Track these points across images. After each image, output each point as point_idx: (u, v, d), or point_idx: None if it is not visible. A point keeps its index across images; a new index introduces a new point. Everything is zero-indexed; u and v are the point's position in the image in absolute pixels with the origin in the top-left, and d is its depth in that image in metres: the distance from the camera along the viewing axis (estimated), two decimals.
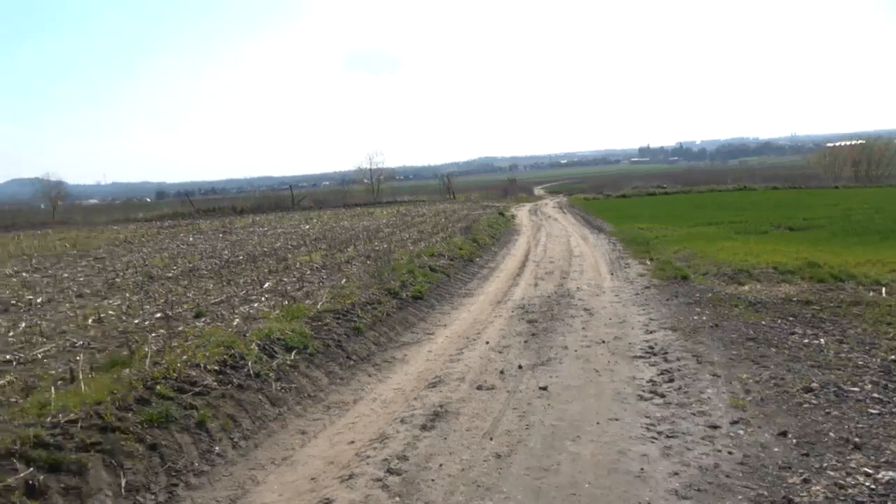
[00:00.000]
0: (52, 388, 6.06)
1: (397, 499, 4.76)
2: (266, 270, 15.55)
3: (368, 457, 5.57)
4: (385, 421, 6.45)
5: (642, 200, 45.80)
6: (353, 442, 5.99)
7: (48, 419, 5.24)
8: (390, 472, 5.21)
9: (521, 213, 39.71)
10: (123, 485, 4.88)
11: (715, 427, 5.78)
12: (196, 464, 5.43)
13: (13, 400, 5.97)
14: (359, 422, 6.52)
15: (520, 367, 7.88)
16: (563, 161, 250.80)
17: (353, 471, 5.30)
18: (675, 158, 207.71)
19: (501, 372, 7.72)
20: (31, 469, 4.58)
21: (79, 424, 5.25)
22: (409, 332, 10.24)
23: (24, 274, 17.33)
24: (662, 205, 38.87)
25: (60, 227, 44.40)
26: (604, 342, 8.83)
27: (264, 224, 34.96)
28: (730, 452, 5.28)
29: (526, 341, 9.13)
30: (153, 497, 4.92)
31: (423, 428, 6.09)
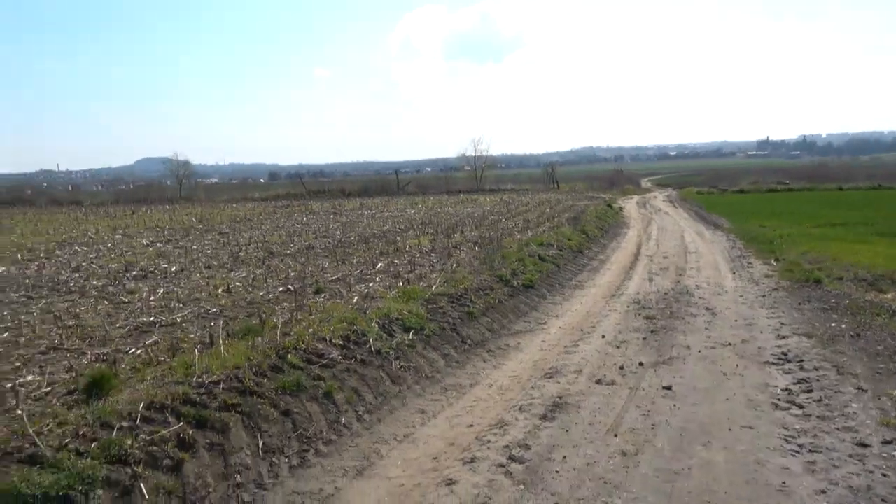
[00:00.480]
0: (196, 351, 6.48)
1: (521, 487, 4.72)
2: (377, 252, 15.94)
3: (489, 441, 5.56)
4: (503, 408, 6.43)
5: (762, 197, 43.12)
6: (472, 426, 6.01)
7: (194, 379, 5.60)
8: (512, 459, 5.18)
9: (629, 206, 38.52)
10: (261, 446, 5.15)
11: (864, 445, 5.32)
12: (325, 432, 5.64)
13: (161, 359, 6.44)
14: (476, 406, 6.54)
15: (640, 364, 7.62)
16: (671, 152, 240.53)
17: (475, 454, 5.31)
18: (797, 153, 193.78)
19: (621, 368, 7.50)
20: (182, 423, 4.91)
21: (221, 386, 5.58)
22: (521, 321, 10.16)
23: (158, 244, 18.74)
24: (785, 202, 36.43)
25: (186, 202, 47.71)
26: (730, 345, 8.37)
27: (372, 207, 35.91)
28: (884, 475, 4.84)
29: (644, 338, 8.81)
30: (287, 460, 5.15)
31: (543, 418, 6.02)
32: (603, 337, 8.95)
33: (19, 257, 15.80)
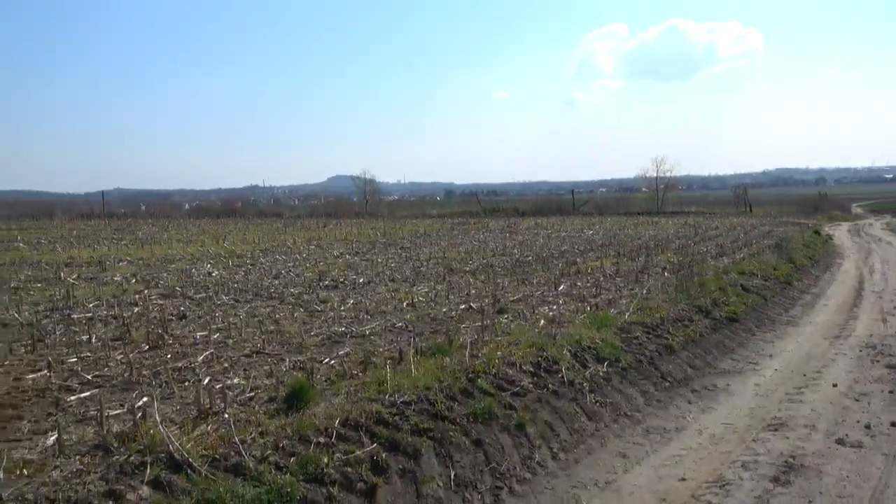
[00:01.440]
0: (387, 366, 6.37)
1: None
2: (557, 273, 15.34)
3: (709, 503, 4.74)
4: (719, 461, 5.53)
5: None
6: (684, 479, 5.20)
7: (387, 397, 5.43)
8: None
9: (839, 234, 34.06)
10: (453, 477, 4.81)
11: None
12: (518, 469, 5.18)
13: (354, 373, 6.42)
14: (686, 456, 5.70)
15: (893, 424, 6.25)
16: (887, 175, 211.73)
17: None
18: None
19: (867, 427, 6.20)
20: (375, 445, 4.72)
21: (412, 407, 5.35)
22: (727, 359, 9.00)
23: (347, 256, 19.72)
24: None
25: (370, 217, 50.57)
26: None
27: (547, 227, 35.31)
28: None
29: (892, 391, 7.31)
30: (480, 497, 4.76)
31: (776, 481, 5.05)
32: (835, 386, 7.58)
33: (230, 263, 17.40)
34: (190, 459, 4.06)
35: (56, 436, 4.39)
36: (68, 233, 29.99)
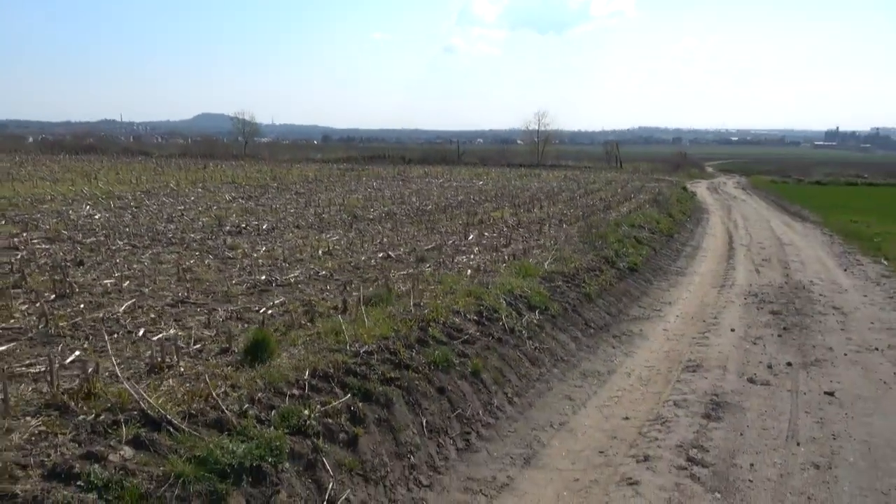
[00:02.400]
0: (339, 317, 6.24)
1: (717, 495, 4.34)
2: (462, 222, 15.60)
3: (656, 439, 5.19)
4: (654, 401, 6.04)
5: (842, 190, 41.09)
6: (627, 418, 5.64)
7: (348, 347, 5.36)
8: (692, 461, 4.80)
9: (701, 191, 37.18)
10: (424, 424, 4.89)
11: None
12: (481, 414, 5.36)
13: (303, 323, 6.23)
14: (623, 397, 6.17)
15: (789, 364, 7.10)
16: (733, 138, 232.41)
17: (646, 452, 4.94)
18: (868, 146, 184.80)
19: (769, 367, 7.00)
20: (349, 395, 4.67)
21: (375, 357, 5.33)
22: (635, 306, 9.71)
23: (240, 201, 18.77)
24: (868, 197, 34.57)
25: (250, 160, 48.16)
26: (877, 349, 7.74)
27: (437, 176, 35.53)
28: None
29: (780, 335, 8.26)
30: (452, 442, 4.89)
31: (707, 417, 5.60)
32: (732, 331, 8.43)
33: (111, 205, 15.99)
34: (168, 416, 3.81)
35: (2, 395, 3.93)
36: None
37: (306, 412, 4.24)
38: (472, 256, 10.94)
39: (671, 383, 6.49)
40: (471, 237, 13.32)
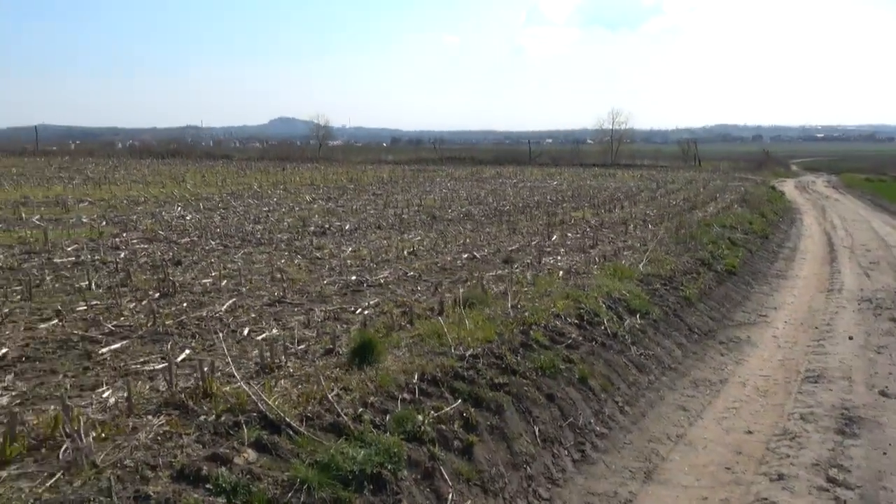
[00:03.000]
0: (440, 318, 6.10)
1: None
2: (542, 223, 15.28)
3: (787, 456, 4.77)
4: (777, 414, 5.60)
5: None
6: (751, 432, 5.24)
7: (452, 351, 5.20)
8: (833, 482, 4.38)
9: (789, 190, 35.29)
10: (537, 433, 4.66)
11: None
12: (593, 423, 5.09)
13: (403, 324, 6.13)
14: (741, 408, 5.75)
15: None
16: (818, 134, 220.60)
17: (779, 470, 4.55)
18: None
19: None
20: (459, 401, 4.50)
21: (481, 361, 5.14)
22: (739, 311, 9.17)
23: (320, 202, 19.06)
24: None
25: (325, 163, 49.16)
26: None
27: (510, 176, 35.16)
28: None
29: None
30: (567, 453, 4.65)
31: (842, 434, 5.13)
32: (851, 339, 7.80)
33: (200, 206, 16.53)
34: (287, 419, 3.74)
35: (126, 393, 3.97)
36: (6, 170, 27.88)
37: (420, 418, 4.10)
38: (559, 258, 10.64)
39: (793, 395, 6.01)
40: (554, 238, 13.00)
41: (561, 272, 8.99)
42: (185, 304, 6.91)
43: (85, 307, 6.58)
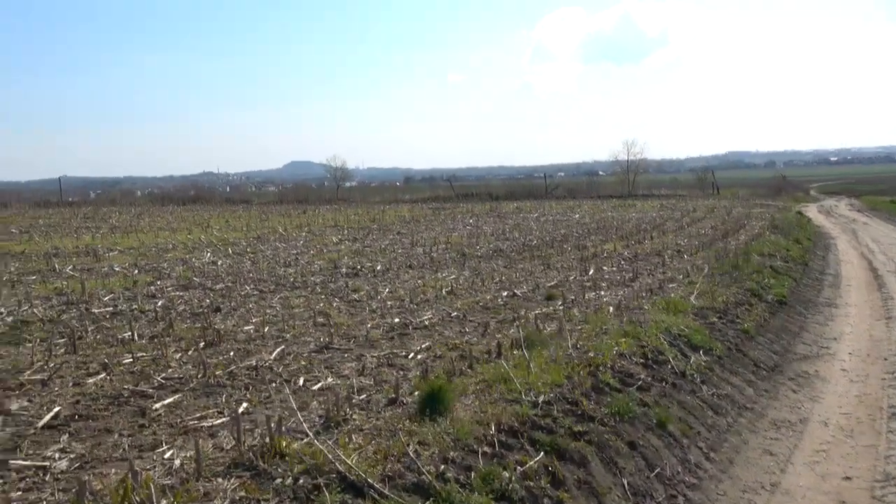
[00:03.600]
0: (503, 361, 5.81)
1: None
2: (574, 257, 15.01)
3: None
4: (871, 457, 5.22)
5: None
6: (849, 478, 4.86)
7: (524, 397, 4.90)
8: None
9: (813, 215, 34.77)
10: (626, 486, 4.33)
11: None
12: (681, 473, 4.74)
13: (463, 369, 5.84)
14: (830, 451, 5.37)
15: None
16: (832, 157, 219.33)
17: None
18: None
19: None
20: (542, 454, 4.20)
21: (555, 408, 4.84)
22: (799, 343, 8.77)
23: (346, 243, 18.94)
24: None
25: (343, 203, 49.39)
26: None
27: (531, 211, 35.01)
28: None
29: None
30: None
31: None
32: None
33: (229, 251, 16.45)
34: (370, 480, 3.46)
35: (194, 453, 3.71)
36: (34, 221, 28.16)
37: (506, 474, 3.80)
38: (601, 293, 10.35)
39: (883, 434, 5.62)
40: (591, 272, 12.70)
41: (611, 308, 8.68)
42: (231, 353, 6.69)
43: (131, 359, 6.38)
